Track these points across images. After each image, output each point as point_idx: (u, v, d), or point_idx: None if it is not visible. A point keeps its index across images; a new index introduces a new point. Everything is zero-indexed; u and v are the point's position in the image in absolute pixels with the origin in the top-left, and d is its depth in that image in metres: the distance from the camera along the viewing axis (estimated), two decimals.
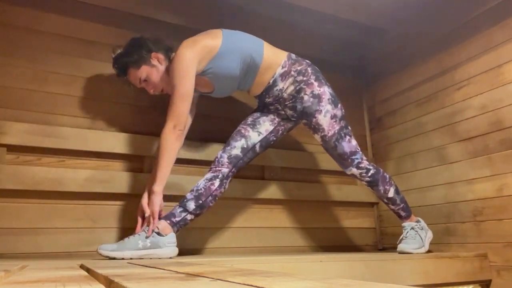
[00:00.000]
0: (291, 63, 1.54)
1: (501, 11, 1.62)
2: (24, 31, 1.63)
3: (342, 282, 0.42)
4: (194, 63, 1.43)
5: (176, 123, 1.41)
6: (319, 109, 1.51)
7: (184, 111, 1.42)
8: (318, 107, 1.51)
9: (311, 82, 1.53)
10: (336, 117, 1.54)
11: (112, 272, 0.60)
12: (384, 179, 1.57)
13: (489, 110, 1.63)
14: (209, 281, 0.46)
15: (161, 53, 1.53)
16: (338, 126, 1.54)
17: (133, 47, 1.52)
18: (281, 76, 1.53)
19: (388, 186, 1.58)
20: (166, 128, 1.41)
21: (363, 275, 1.29)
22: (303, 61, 1.56)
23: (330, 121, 1.52)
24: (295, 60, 1.55)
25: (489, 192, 1.60)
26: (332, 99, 1.54)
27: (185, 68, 1.42)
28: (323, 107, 1.51)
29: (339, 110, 1.55)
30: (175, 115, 1.41)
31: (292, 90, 1.54)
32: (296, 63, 1.55)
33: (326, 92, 1.54)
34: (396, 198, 1.58)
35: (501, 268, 1.53)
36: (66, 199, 1.53)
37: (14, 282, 0.48)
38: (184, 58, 1.43)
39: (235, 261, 1.16)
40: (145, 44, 1.52)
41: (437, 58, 1.89)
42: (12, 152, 1.50)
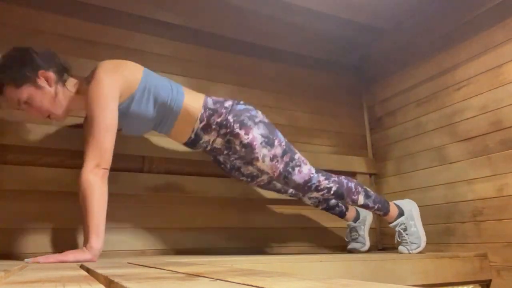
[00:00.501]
0: (209, 115, 1.38)
1: (501, 11, 1.62)
2: (24, 31, 1.63)
3: (342, 282, 0.42)
4: (116, 90, 1.24)
5: (100, 161, 1.16)
6: (255, 156, 1.38)
7: (108, 146, 1.18)
8: (253, 155, 1.37)
9: (236, 132, 1.37)
10: (276, 156, 1.39)
11: (112, 272, 0.60)
12: (349, 190, 1.47)
13: (489, 110, 1.63)
14: (209, 281, 0.46)
15: (52, 72, 1.27)
16: (282, 164, 1.39)
17: (15, 61, 1.24)
18: (203, 130, 1.39)
19: (355, 196, 1.49)
20: (86, 168, 1.14)
21: (363, 275, 1.29)
22: (222, 109, 1.38)
23: (271, 164, 1.39)
24: (213, 111, 1.38)
25: (489, 192, 1.60)
26: (266, 140, 1.38)
27: (106, 95, 1.21)
28: (258, 153, 1.37)
29: (277, 148, 1.39)
30: (98, 152, 1.16)
31: (222, 141, 1.42)
32: (214, 114, 1.38)
33: (256, 137, 1.37)
34: (368, 203, 1.52)
35: (501, 268, 1.53)
36: (66, 199, 1.53)
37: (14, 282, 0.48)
38: (105, 84, 1.22)
39: (235, 261, 1.16)
40: (32, 59, 1.24)
41: (437, 58, 1.89)
42: (12, 152, 1.50)
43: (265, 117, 1.47)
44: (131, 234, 1.61)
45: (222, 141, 1.42)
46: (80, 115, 1.66)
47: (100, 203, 1.13)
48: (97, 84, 1.22)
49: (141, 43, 1.86)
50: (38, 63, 1.24)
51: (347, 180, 1.50)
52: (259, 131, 1.39)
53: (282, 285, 0.39)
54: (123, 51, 1.82)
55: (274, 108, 2.09)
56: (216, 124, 1.38)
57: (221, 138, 1.41)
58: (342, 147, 2.22)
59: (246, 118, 1.39)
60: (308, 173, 1.42)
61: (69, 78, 1.34)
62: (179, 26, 1.96)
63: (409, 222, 1.59)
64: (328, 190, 1.44)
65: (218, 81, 1.99)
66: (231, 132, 1.37)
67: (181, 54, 1.94)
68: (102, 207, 1.13)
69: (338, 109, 2.28)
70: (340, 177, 1.49)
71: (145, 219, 1.65)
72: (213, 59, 2.01)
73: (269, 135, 1.40)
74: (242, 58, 2.07)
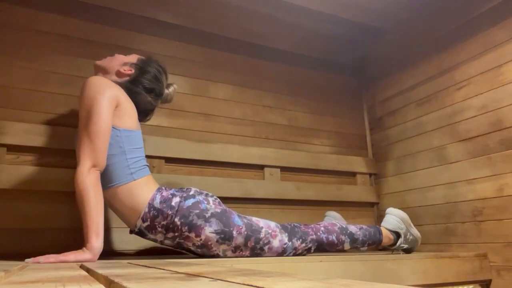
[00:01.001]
0: (153, 216, 1.23)
1: (501, 11, 1.62)
2: (24, 31, 1.63)
3: (342, 282, 0.42)
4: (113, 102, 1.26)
5: (95, 161, 1.15)
6: (216, 253, 1.26)
7: (103, 147, 1.17)
8: (212, 252, 1.26)
9: (186, 235, 1.23)
10: (239, 247, 1.27)
11: (112, 272, 0.60)
12: (332, 244, 1.41)
13: (489, 110, 1.63)
14: (209, 281, 0.46)
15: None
16: (248, 250, 1.29)
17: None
18: (147, 229, 1.25)
19: (340, 246, 1.44)
20: (83, 169, 1.13)
21: (363, 275, 1.29)
22: (168, 210, 1.23)
23: (236, 254, 1.28)
24: (157, 211, 1.23)
25: (489, 192, 1.60)
26: (222, 236, 1.24)
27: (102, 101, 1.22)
28: (218, 250, 1.26)
29: (238, 238, 1.25)
30: (93, 153, 1.16)
31: (172, 243, 1.29)
32: (159, 215, 1.23)
33: (209, 237, 1.23)
34: (357, 246, 1.49)
35: (501, 268, 1.53)
36: (66, 199, 1.53)
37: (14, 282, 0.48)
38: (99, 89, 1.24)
39: (235, 261, 1.16)
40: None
41: (437, 58, 1.89)
42: (12, 152, 1.50)
43: (217, 202, 1.32)
44: (131, 234, 1.61)
45: (172, 243, 1.29)
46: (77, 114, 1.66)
47: (98, 203, 1.11)
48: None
49: (141, 43, 1.86)
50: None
51: (327, 234, 1.41)
52: (212, 228, 1.23)
53: (282, 285, 0.39)
54: (123, 51, 1.81)
55: (274, 108, 2.09)
56: (162, 226, 1.24)
57: (170, 241, 1.28)
58: (342, 147, 2.22)
59: (195, 218, 1.23)
60: (280, 245, 1.32)
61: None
62: (179, 26, 1.96)
63: (407, 238, 1.59)
64: (308, 250, 1.39)
65: (218, 81, 1.99)
66: (179, 235, 1.24)
67: (181, 54, 1.94)
68: (99, 207, 1.12)
69: (338, 109, 2.28)
70: (318, 232, 1.40)
71: None
72: (213, 59, 2.01)
73: (224, 229, 1.24)
74: (242, 58, 2.07)
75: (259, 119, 2.04)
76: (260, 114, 2.05)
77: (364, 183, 2.20)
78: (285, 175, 1.99)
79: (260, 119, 2.04)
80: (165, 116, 1.84)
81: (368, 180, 2.22)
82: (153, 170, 1.72)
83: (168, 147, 1.76)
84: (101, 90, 1.23)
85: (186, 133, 1.84)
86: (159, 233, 1.25)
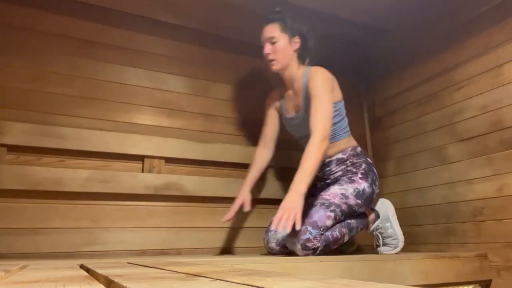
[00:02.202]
0: (352, 154, 1.61)
1: (501, 11, 1.62)
2: (24, 31, 1.63)
3: (342, 282, 0.42)
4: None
5: (326, 135, 1.44)
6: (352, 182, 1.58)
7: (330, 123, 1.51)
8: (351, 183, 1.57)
9: (354, 175, 1.56)
10: (350, 205, 1.50)
11: (112, 272, 0.60)
12: (336, 240, 1.43)
13: (489, 110, 1.63)
14: (209, 281, 0.46)
15: (300, 45, 1.62)
16: (339, 210, 1.46)
17: (295, 16, 1.62)
18: (337, 159, 1.61)
19: (341, 240, 1.46)
20: (317, 138, 1.41)
21: (363, 275, 1.29)
22: (358, 159, 1.60)
23: (341, 197, 1.49)
24: (357, 154, 1.61)
25: (489, 192, 1.60)
26: (361, 196, 1.53)
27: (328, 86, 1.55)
28: (348, 191, 1.54)
29: (355, 206, 1.52)
30: (326, 127, 1.46)
31: (337, 171, 1.60)
32: (356, 156, 1.60)
33: (364, 187, 1.54)
34: (353, 233, 1.51)
35: (501, 268, 1.53)
36: (66, 199, 1.53)
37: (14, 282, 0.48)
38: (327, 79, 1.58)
39: (235, 261, 1.16)
40: (303, 26, 1.63)
41: (437, 58, 1.89)
42: (12, 152, 1.50)
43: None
44: (131, 234, 1.61)
45: (337, 171, 1.61)
46: (77, 115, 1.66)
47: (316, 167, 1.38)
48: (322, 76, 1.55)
49: (141, 43, 1.86)
50: (303, 32, 1.62)
51: (330, 231, 1.43)
52: (369, 189, 1.54)
53: (282, 285, 0.39)
54: (123, 51, 1.82)
55: None
56: (351, 163, 1.59)
57: (340, 171, 1.60)
58: None
59: (372, 177, 1.57)
60: (327, 222, 1.41)
61: (306, 59, 1.65)
62: (179, 26, 1.95)
63: (385, 225, 1.58)
64: (314, 250, 1.37)
65: (218, 81, 1.99)
66: (350, 171, 1.57)
67: (181, 54, 1.94)
68: (316, 169, 1.38)
69: None
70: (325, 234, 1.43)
71: (145, 219, 1.66)
72: (213, 59, 2.01)
73: (368, 198, 1.53)
74: (242, 58, 2.07)
75: (259, 119, 2.03)
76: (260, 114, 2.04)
77: None
78: (285, 175, 1.99)
79: (260, 119, 2.03)
80: (165, 116, 1.84)
81: None
82: (153, 170, 1.72)
83: (168, 147, 1.76)
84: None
85: (186, 133, 1.84)
86: (342, 164, 1.59)
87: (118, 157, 1.68)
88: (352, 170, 1.57)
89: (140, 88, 1.81)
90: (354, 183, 1.52)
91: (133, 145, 1.69)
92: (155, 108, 1.82)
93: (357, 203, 1.49)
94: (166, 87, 1.87)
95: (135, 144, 1.70)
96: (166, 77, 1.88)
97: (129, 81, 1.80)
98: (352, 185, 1.51)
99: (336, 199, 1.46)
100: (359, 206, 1.50)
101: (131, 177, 1.65)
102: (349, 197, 1.48)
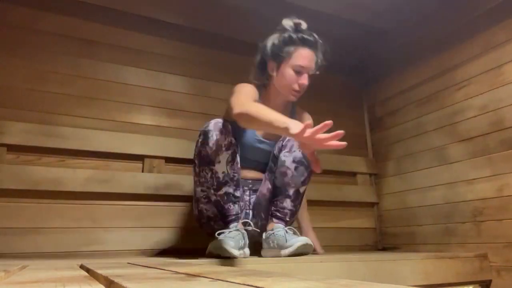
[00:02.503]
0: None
1: (501, 11, 1.62)
2: (24, 31, 1.63)
3: (342, 282, 0.41)
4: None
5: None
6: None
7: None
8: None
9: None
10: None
11: (112, 272, 0.60)
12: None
13: (490, 110, 1.63)
14: (209, 281, 0.46)
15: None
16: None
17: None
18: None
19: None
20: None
21: (363, 275, 1.29)
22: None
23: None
24: None
25: (489, 192, 1.60)
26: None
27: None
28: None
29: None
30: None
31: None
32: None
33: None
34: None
35: (501, 268, 1.53)
36: (66, 199, 1.53)
37: (14, 282, 0.48)
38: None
39: (235, 261, 1.16)
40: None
41: (437, 58, 1.89)
42: (12, 152, 1.50)
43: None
44: (131, 234, 1.61)
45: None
46: (77, 114, 1.66)
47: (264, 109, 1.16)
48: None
49: (141, 43, 1.86)
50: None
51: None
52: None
53: (282, 285, 0.39)
54: (123, 51, 1.82)
55: None
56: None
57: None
58: None
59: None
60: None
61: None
62: (179, 26, 1.95)
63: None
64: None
65: (218, 81, 1.99)
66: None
67: (181, 54, 1.94)
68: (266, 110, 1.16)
69: (338, 109, 2.28)
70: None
71: (145, 219, 1.65)
72: (213, 59, 2.01)
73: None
74: (242, 58, 2.06)
75: None
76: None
77: (364, 183, 2.20)
78: None
79: None
80: (165, 116, 1.84)
81: (368, 180, 2.22)
82: (153, 170, 1.72)
83: (168, 147, 1.76)
84: None
85: (186, 133, 1.84)
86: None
87: (118, 157, 1.68)
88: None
89: (140, 88, 1.81)
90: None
91: (133, 145, 1.69)
92: (155, 108, 1.82)
93: None
94: (166, 87, 1.87)
95: (135, 144, 1.70)
96: (166, 77, 1.88)
97: (129, 81, 1.80)
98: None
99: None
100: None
101: (131, 177, 1.65)
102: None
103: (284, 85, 1.42)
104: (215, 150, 1.25)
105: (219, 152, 1.26)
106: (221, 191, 1.29)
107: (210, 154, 1.26)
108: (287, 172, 1.34)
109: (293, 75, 1.40)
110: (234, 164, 1.31)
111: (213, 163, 1.27)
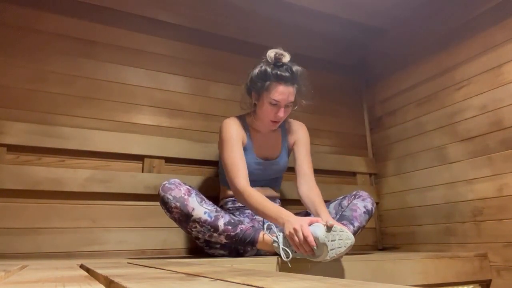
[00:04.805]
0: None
1: (501, 11, 1.62)
2: (24, 31, 1.63)
3: (342, 282, 0.42)
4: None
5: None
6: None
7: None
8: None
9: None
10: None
11: (112, 272, 0.60)
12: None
13: (489, 110, 1.63)
14: (209, 281, 0.46)
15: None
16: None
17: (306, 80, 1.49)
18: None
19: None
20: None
21: (363, 275, 1.29)
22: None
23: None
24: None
25: (489, 192, 1.60)
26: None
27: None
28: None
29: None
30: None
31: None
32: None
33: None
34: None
35: (501, 268, 1.53)
36: (66, 199, 1.53)
37: (14, 282, 0.48)
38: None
39: (235, 261, 1.16)
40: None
41: (437, 58, 1.89)
42: (12, 152, 1.50)
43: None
44: (131, 234, 1.61)
45: None
46: (77, 115, 1.66)
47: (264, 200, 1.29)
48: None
49: (141, 43, 1.86)
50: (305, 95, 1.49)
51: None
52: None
53: (282, 285, 0.39)
54: (123, 51, 1.82)
55: None
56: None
57: None
58: (342, 147, 2.22)
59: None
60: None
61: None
62: (179, 26, 1.95)
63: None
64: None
65: (218, 81, 1.99)
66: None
67: (181, 54, 1.94)
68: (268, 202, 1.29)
69: (338, 109, 2.28)
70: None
71: (145, 219, 1.65)
72: (213, 59, 2.01)
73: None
74: (242, 58, 2.07)
75: None
76: None
77: (364, 183, 2.20)
78: (285, 174, 1.99)
79: None
80: (165, 116, 1.84)
81: (368, 180, 2.22)
82: (153, 170, 1.72)
83: (168, 147, 1.76)
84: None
85: (186, 133, 1.84)
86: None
87: (118, 157, 1.68)
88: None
89: (140, 88, 1.81)
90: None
91: (133, 145, 1.69)
92: (155, 108, 1.82)
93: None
94: (166, 87, 1.87)
95: (135, 144, 1.70)
96: (166, 77, 1.88)
97: (129, 81, 1.80)
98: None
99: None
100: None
101: (131, 177, 1.65)
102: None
103: (263, 116, 1.46)
104: (181, 204, 1.27)
105: (186, 202, 1.27)
106: (220, 227, 1.26)
107: (181, 211, 1.26)
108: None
109: (269, 108, 1.42)
110: (205, 200, 1.32)
111: (190, 215, 1.26)
